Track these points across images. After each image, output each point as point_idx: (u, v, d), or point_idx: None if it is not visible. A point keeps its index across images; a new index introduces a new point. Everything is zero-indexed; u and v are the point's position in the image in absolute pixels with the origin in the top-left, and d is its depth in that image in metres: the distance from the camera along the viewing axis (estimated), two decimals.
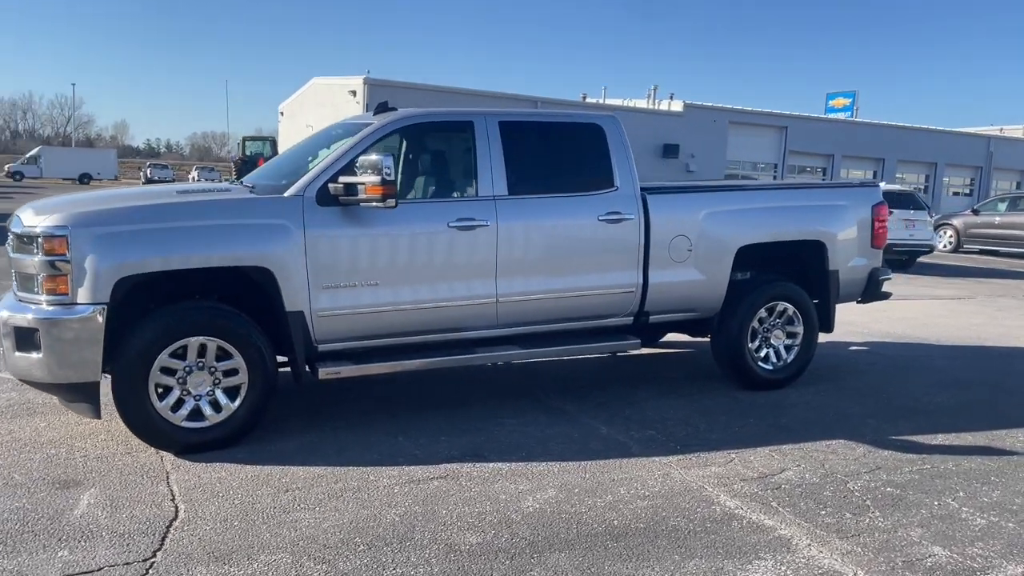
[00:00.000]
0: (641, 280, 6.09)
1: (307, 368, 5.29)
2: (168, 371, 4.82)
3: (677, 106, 48.56)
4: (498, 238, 5.57)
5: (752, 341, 6.58)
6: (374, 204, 5.05)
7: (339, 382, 6.32)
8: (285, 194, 5.17)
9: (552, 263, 5.79)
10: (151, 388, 4.78)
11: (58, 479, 4.45)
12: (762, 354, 6.64)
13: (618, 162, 6.08)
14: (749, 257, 6.55)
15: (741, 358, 6.53)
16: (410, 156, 6.23)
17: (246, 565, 3.56)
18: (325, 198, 5.15)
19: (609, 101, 54.96)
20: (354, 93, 40.05)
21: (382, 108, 5.76)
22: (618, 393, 6.48)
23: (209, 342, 4.87)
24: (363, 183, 5.03)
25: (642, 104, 53.06)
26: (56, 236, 4.59)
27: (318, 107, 42.85)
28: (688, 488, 4.56)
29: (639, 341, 6.21)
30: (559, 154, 6.14)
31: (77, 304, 4.60)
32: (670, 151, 44.29)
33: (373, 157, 5.01)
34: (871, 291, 7.15)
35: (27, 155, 61.83)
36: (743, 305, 6.47)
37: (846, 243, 6.86)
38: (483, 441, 5.25)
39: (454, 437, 5.32)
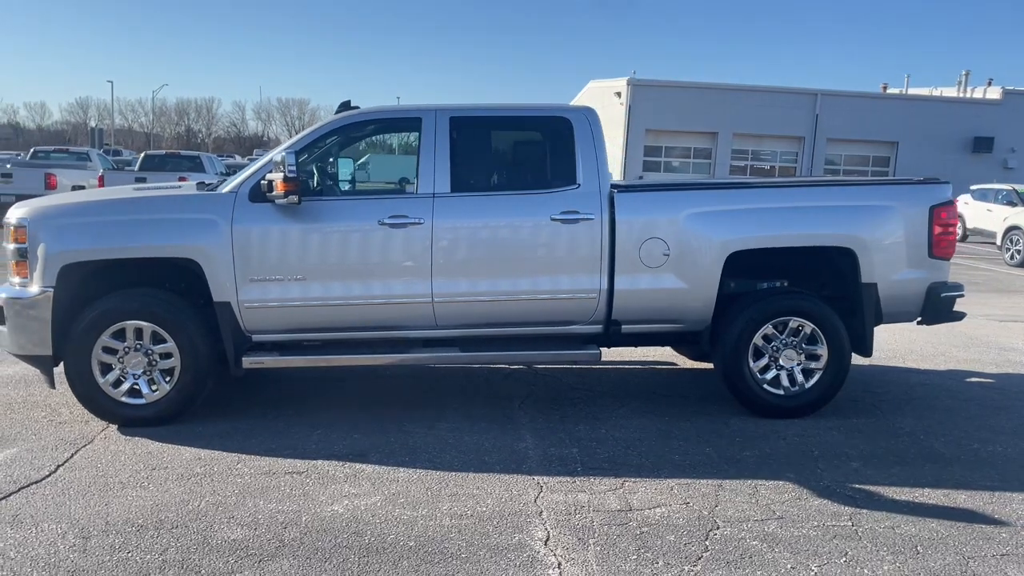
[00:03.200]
0: (606, 286, 5.59)
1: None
2: (109, 351, 5.35)
3: (994, 93, 42.92)
4: (433, 236, 5.44)
5: (755, 360, 5.73)
6: (281, 200, 5.19)
7: (304, 375, 6.56)
8: (223, 190, 5.49)
9: (495, 264, 5.53)
10: (94, 365, 5.33)
11: None
12: (769, 376, 5.76)
13: (584, 158, 5.63)
14: (748, 265, 5.73)
15: (740, 379, 5.72)
16: (336, 151, 6.26)
17: (30, 529, 3.89)
18: (257, 195, 5.38)
19: (912, 90, 50.03)
20: (619, 94, 40.48)
21: (343, 107, 5.87)
22: (596, 406, 5.99)
23: (144, 326, 5.32)
24: (274, 180, 5.19)
25: (951, 93, 47.57)
26: (19, 227, 5.30)
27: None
28: (517, 512, 4.15)
29: (599, 352, 5.69)
30: (516, 150, 5.83)
31: (30, 287, 5.27)
32: (982, 145, 39.24)
33: (280, 155, 5.15)
34: (933, 310, 5.88)
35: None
36: (741, 319, 5.66)
37: (888, 251, 5.72)
38: (384, 443, 5.17)
39: (364, 435, 5.29)
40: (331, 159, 6.34)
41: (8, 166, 20.78)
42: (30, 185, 18.17)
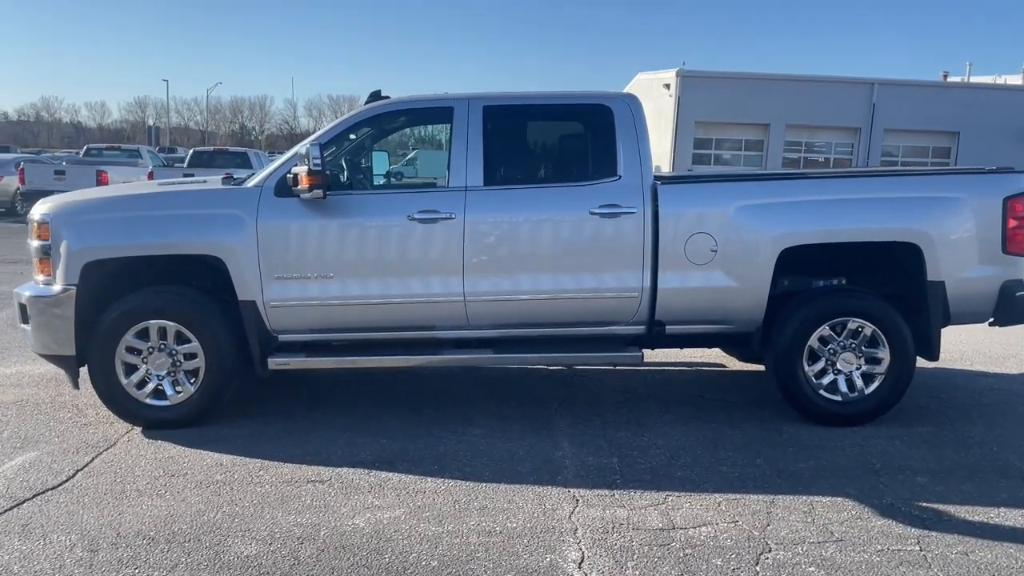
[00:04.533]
0: (648, 284, 5.25)
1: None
2: (133, 351, 5.19)
3: None
4: (465, 232, 5.16)
5: (811, 364, 5.34)
6: (306, 195, 4.97)
7: (334, 375, 6.35)
8: (248, 185, 5.28)
9: (531, 261, 5.23)
10: (117, 365, 5.17)
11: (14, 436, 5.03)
12: (825, 381, 5.35)
13: (625, 148, 5.29)
14: (803, 261, 5.33)
15: (794, 384, 5.33)
16: (369, 144, 6.00)
17: (38, 540, 3.71)
18: (283, 189, 5.16)
19: (974, 79, 48.29)
20: (668, 86, 39.80)
21: (373, 97, 5.62)
22: (639, 411, 5.66)
23: (168, 326, 5.15)
24: (299, 174, 4.97)
25: (1015, 81, 45.81)
26: (43, 223, 5.16)
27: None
28: (550, 529, 3.85)
29: (640, 354, 5.35)
30: (553, 141, 5.52)
31: (54, 285, 5.13)
32: None
33: (305, 147, 4.93)
34: (1007, 311, 5.40)
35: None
36: (794, 319, 5.27)
37: (957, 247, 5.26)
38: (413, 448, 4.91)
39: (392, 440, 5.05)
40: (361, 152, 6.11)
41: (63, 163, 21.14)
42: (83, 182, 18.37)
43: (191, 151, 23.58)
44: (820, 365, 5.35)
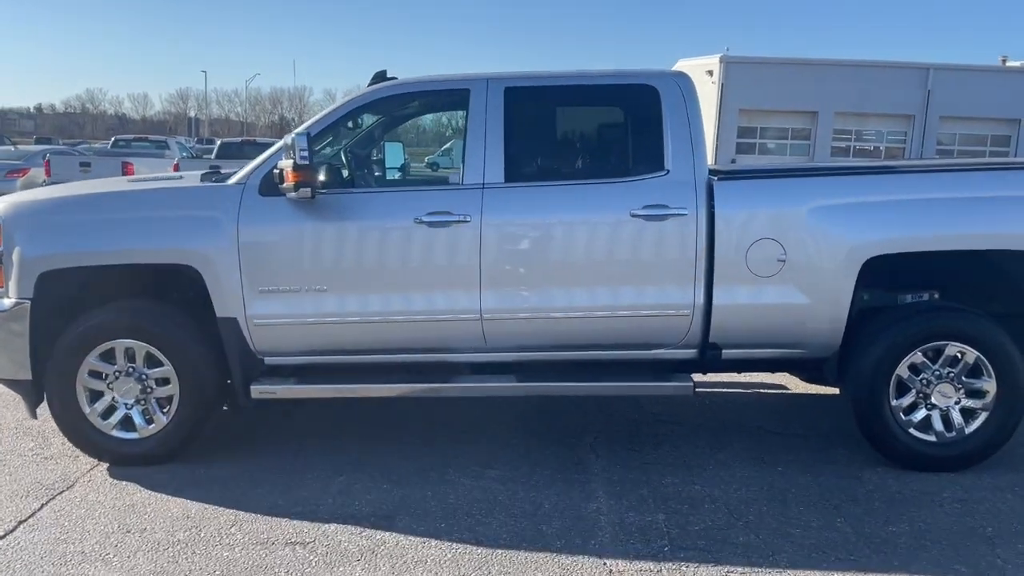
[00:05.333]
0: (702, 300, 4.37)
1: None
2: (97, 375, 4.46)
3: None
4: (482, 237, 4.33)
5: (898, 397, 4.42)
6: (291, 194, 4.17)
7: (335, 399, 5.53)
8: (230, 181, 4.51)
9: (559, 272, 4.39)
10: (79, 391, 4.45)
11: None
12: (916, 417, 4.43)
13: (674, 137, 4.41)
14: (890, 273, 4.42)
15: (878, 421, 4.42)
16: (385, 135, 5.19)
17: None
18: (268, 187, 4.38)
19: None
20: (711, 73, 38.48)
21: (378, 79, 4.80)
22: (688, 447, 4.79)
23: (137, 346, 4.41)
24: (284, 169, 4.18)
25: None
26: None
27: None
28: None
29: (691, 384, 4.47)
30: (588, 129, 4.67)
31: (5, 298, 4.41)
32: None
33: (290, 137, 4.13)
34: None
35: None
36: (879, 344, 4.36)
37: None
38: (419, 497, 4.11)
39: (395, 485, 4.25)
40: (367, 143, 5.31)
41: (90, 154, 20.75)
42: (108, 174, 17.90)
43: (219, 142, 23.07)
44: (910, 399, 4.43)
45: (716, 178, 4.39)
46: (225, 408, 4.75)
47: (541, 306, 4.39)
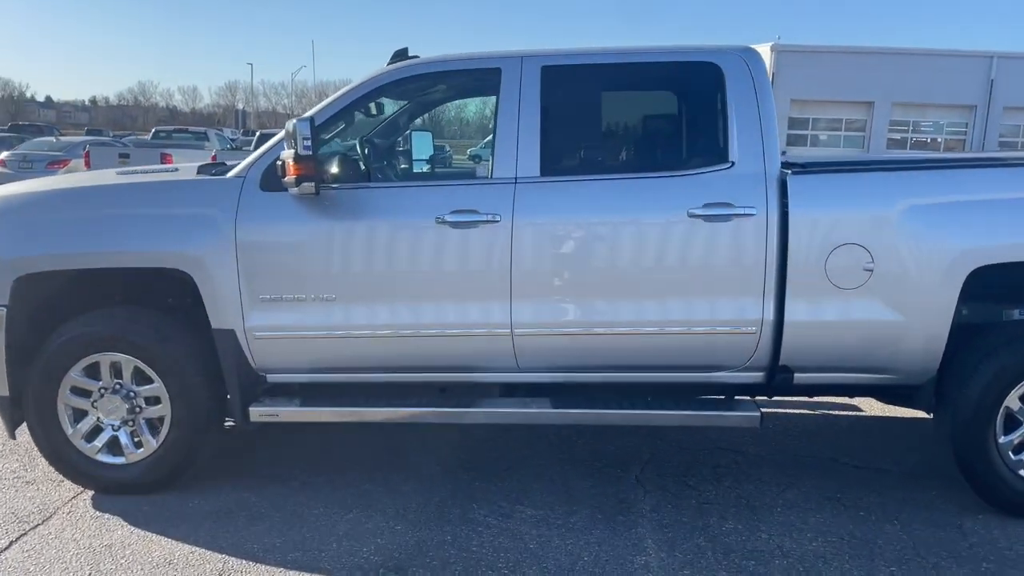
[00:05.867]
0: (772, 315, 3.71)
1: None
2: (80, 392, 3.97)
3: None
4: (513, 240, 3.73)
5: (1008, 432, 3.72)
6: (292, 188, 3.61)
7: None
8: (228, 175, 3.97)
9: (602, 281, 3.76)
10: (61, 410, 3.97)
11: None
12: None
13: (741, 123, 3.75)
14: (996, 285, 3.71)
15: (981, 459, 3.73)
16: (404, 122, 4.60)
17: None
18: (271, 180, 3.83)
19: None
20: None
21: (398, 57, 4.21)
22: (750, 483, 4.14)
23: (124, 360, 3.90)
24: (285, 160, 3.62)
25: None
26: None
27: None
28: None
29: (758, 415, 3.82)
30: (637, 113, 4.02)
31: None
32: None
33: (291, 124, 3.56)
34: None
35: None
36: (985, 369, 3.66)
37: None
38: (437, 542, 3.53)
39: (411, 527, 3.68)
40: (390, 132, 4.74)
41: (129, 146, 20.61)
42: (147, 165, 17.70)
43: (257, 134, 22.79)
44: (1021, 435, 3.72)
45: (790, 172, 3.72)
46: (229, 425, 4.21)
47: (581, 320, 3.77)
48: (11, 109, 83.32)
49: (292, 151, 3.52)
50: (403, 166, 5.12)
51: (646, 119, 4.37)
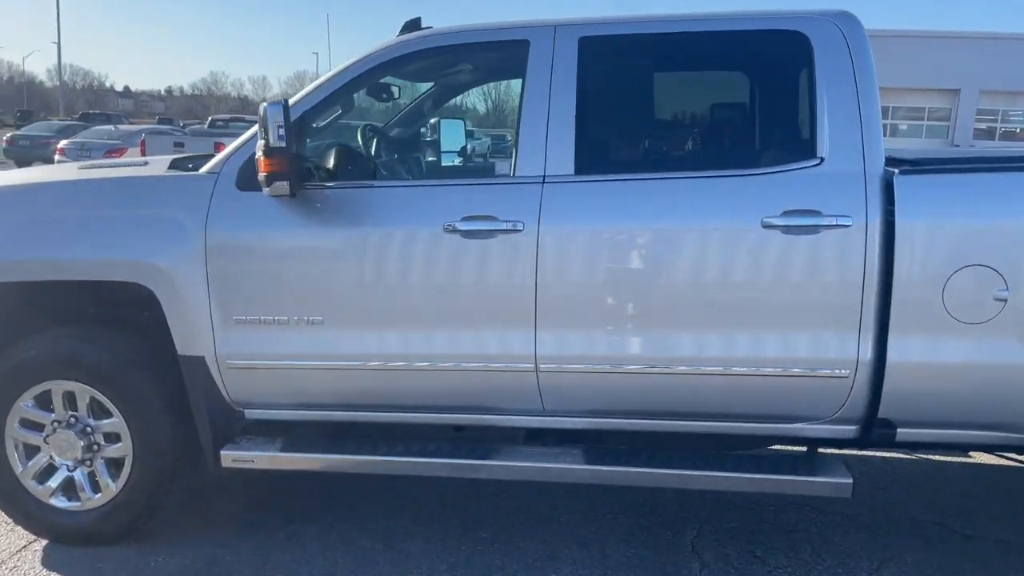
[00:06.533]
0: (870, 354, 2.88)
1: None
2: (31, 426, 3.38)
3: None
4: (540, 253, 2.98)
5: None
6: (265, 187, 2.93)
7: None
8: (201, 170, 3.31)
9: (650, 306, 2.98)
10: (8, 446, 3.40)
11: None
12: None
13: (833, 108, 2.93)
14: None
15: None
16: (410, 107, 3.86)
17: None
18: (249, 178, 3.15)
19: None
20: None
21: (409, 28, 3.48)
22: (836, 557, 3.31)
23: (78, 389, 3.29)
24: (257, 154, 2.94)
25: None
26: None
27: None
28: None
29: (849, 482, 2.99)
30: (698, 96, 3.23)
31: None
32: None
33: (263, 107, 2.87)
34: None
35: None
36: None
37: None
38: None
39: None
40: (406, 120, 4.04)
41: (184, 134, 20.44)
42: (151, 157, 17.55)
43: None
44: None
45: (897, 171, 2.88)
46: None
47: (619, 354, 3.01)
48: (91, 98, 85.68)
49: (263, 142, 2.84)
50: (429, 159, 4.41)
51: (709, 103, 3.54)
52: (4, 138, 25.36)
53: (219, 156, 3.30)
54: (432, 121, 4.29)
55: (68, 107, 63.01)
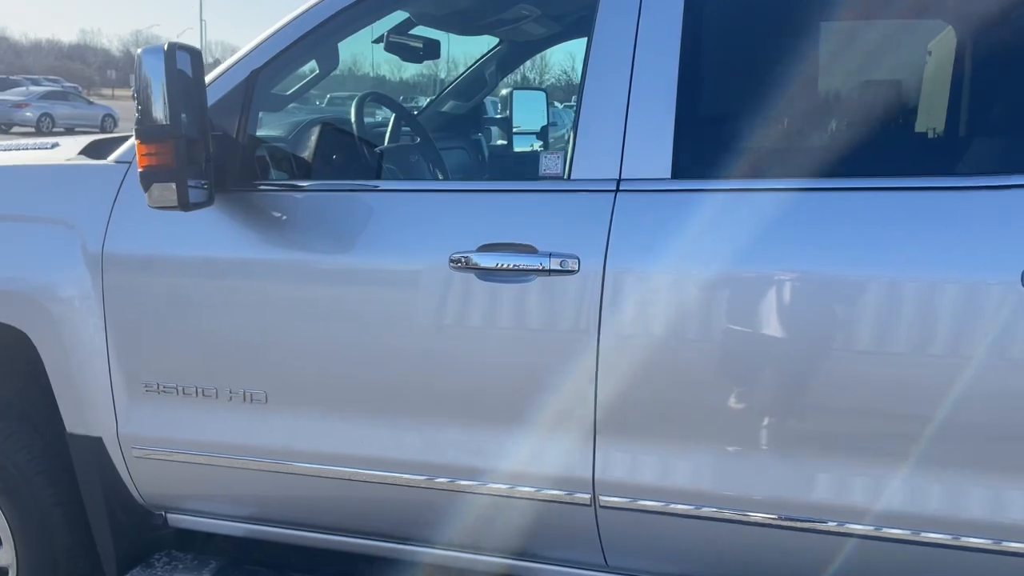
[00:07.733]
0: None
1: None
2: None
3: None
4: (604, 310, 1.75)
5: None
6: (155, 199, 1.82)
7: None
8: (107, 159, 2.24)
9: (801, 404, 1.70)
10: None
11: None
12: None
13: None
14: None
15: None
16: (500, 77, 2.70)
17: None
18: None
19: None
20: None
21: None
22: None
23: None
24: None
25: None
26: None
27: None
28: None
29: None
30: (891, 61, 1.96)
31: None
32: None
33: (139, 55, 1.76)
34: None
35: None
36: None
37: None
38: None
39: None
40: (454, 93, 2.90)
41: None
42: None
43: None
44: None
45: None
46: None
47: (751, 496, 1.73)
48: None
49: (137, 115, 1.73)
50: (454, 147, 3.10)
51: (906, 73, 2.18)
52: None
53: (131, 141, 2.20)
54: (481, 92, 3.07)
55: None
